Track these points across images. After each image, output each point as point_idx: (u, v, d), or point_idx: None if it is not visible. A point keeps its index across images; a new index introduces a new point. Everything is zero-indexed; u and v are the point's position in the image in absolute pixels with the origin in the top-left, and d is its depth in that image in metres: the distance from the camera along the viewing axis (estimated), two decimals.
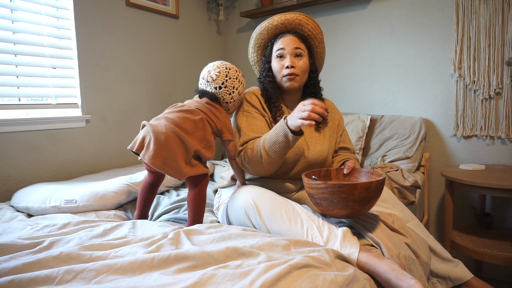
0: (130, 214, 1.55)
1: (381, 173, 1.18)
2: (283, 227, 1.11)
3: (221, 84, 1.34)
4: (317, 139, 1.45)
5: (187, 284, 0.77)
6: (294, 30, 1.43)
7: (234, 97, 1.37)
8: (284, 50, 1.40)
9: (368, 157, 2.17)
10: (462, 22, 2.02)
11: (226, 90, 1.35)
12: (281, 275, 0.78)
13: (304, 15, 1.42)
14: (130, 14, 2.27)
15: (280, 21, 1.41)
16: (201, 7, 2.85)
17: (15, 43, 1.77)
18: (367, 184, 1.04)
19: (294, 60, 1.39)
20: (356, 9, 2.42)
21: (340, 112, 1.62)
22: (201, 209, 1.30)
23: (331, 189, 1.05)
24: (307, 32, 1.43)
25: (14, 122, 1.71)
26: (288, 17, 1.40)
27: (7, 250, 0.97)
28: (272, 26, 1.43)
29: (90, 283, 0.81)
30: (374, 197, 1.09)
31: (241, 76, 1.40)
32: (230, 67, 1.38)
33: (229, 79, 1.35)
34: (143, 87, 2.37)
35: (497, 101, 1.98)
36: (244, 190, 1.25)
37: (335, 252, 0.95)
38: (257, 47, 1.52)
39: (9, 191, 1.71)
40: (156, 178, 1.37)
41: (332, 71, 2.55)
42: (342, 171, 1.32)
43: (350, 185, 1.04)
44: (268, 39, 1.48)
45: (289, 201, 1.19)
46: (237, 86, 1.37)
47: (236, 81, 1.37)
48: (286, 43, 1.40)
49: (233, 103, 1.38)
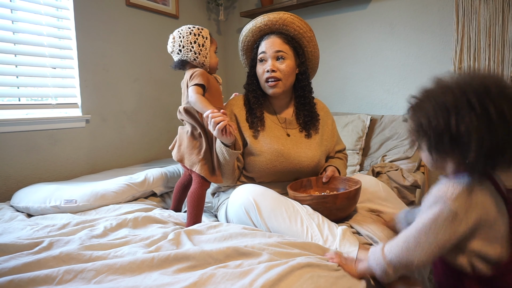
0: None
1: (357, 180, 1.28)
2: (283, 225, 1.11)
3: (179, 49, 1.34)
4: (306, 144, 1.43)
5: (186, 284, 0.77)
6: (279, 31, 1.39)
7: (198, 50, 1.33)
8: (265, 53, 1.37)
9: (368, 157, 2.17)
10: (462, 22, 2.02)
11: (186, 50, 1.33)
12: (282, 276, 0.78)
13: (289, 14, 1.37)
14: (130, 14, 2.27)
15: (263, 22, 1.37)
16: (201, 7, 2.85)
17: (15, 43, 1.77)
18: (346, 193, 1.17)
19: (276, 63, 1.36)
20: (356, 9, 2.42)
21: (331, 115, 1.60)
22: (199, 207, 1.32)
23: (317, 201, 1.18)
24: (293, 31, 1.39)
25: (14, 122, 1.71)
26: (271, 17, 1.36)
27: (7, 250, 0.97)
28: (255, 27, 1.39)
29: (90, 283, 0.81)
30: (353, 204, 1.22)
31: (196, 30, 1.34)
32: (181, 29, 1.36)
33: (183, 38, 1.34)
34: (143, 87, 2.37)
35: None
36: (245, 188, 1.25)
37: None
38: (245, 50, 1.49)
39: (9, 191, 1.71)
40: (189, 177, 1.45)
41: (332, 71, 2.55)
42: (321, 179, 1.40)
43: (332, 196, 1.17)
44: (254, 41, 1.44)
45: (290, 200, 1.19)
46: (194, 39, 1.33)
47: (192, 36, 1.33)
48: (268, 46, 1.37)
49: (201, 57, 1.34)
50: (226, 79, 3.08)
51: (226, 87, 3.08)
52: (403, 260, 0.78)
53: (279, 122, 1.45)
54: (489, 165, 0.73)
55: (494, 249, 0.75)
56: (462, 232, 0.74)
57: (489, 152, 0.70)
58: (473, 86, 0.72)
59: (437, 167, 0.82)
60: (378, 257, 0.82)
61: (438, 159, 0.80)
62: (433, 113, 0.75)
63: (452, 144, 0.73)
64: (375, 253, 0.83)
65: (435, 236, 0.74)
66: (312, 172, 1.44)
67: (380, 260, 0.81)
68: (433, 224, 0.75)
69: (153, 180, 1.68)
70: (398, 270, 0.79)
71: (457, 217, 0.73)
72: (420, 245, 0.75)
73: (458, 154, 0.74)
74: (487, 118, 0.69)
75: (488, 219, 0.75)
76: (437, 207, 0.75)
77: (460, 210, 0.73)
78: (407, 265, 0.78)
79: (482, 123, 0.69)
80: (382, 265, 0.80)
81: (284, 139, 1.42)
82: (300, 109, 1.47)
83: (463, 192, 0.74)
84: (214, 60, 1.38)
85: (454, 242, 0.75)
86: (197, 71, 1.32)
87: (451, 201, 0.73)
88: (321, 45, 2.62)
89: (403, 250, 0.78)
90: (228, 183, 1.40)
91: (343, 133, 2.21)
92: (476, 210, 0.74)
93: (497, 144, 0.70)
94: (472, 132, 0.70)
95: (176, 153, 1.38)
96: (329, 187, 1.39)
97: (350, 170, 2.06)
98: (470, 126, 0.70)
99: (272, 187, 1.35)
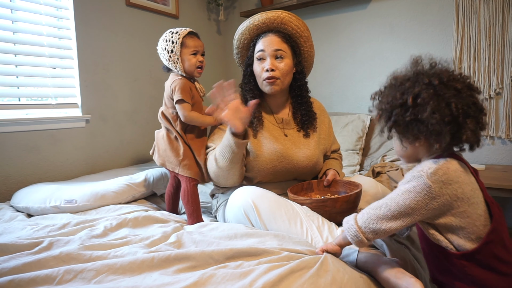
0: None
1: (358, 184, 1.27)
2: (282, 227, 1.11)
3: (160, 57, 1.37)
4: (305, 144, 1.42)
5: (186, 283, 0.77)
6: (276, 29, 1.38)
7: (167, 57, 1.33)
8: (264, 52, 1.35)
9: (368, 157, 2.17)
10: (462, 22, 2.02)
11: (161, 56, 1.36)
12: (282, 277, 0.78)
13: (287, 13, 1.37)
14: (130, 14, 2.27)
15: (261, 20, 1.36)
16: (201, 7, 2.85)
17: (15, 43, 1.77)
18: (346, 197, 1.16)
19: (275, 62, 1.35)
20: (356, 9, 2.42)
21: (327, 114, 1.59)
22: (195, 203, 1.33)
23: (316, 204, 1.17)
24: (291, 30, 1.38)
25: (14, 122, 1.71)
26: (269, 15, 1.35)
27: (7, 250, 0.97)
28: (253, 25, 1.37)
29: (90, 283, 0.81)
30: (353, 208, 1.20)
31: (169, 35, 1.33)
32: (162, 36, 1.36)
33: (159, 45, 1.35)
34: (143, 87, 2.37)
35: (497, 101, 1.98)
36: (243, 190, 1.24)
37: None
38: (240, 48, 1.47)
39: (9, 191, 1.71)
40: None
41: (332, 71, 2.55)
42: (322, 182, 1.39)
43: (332, 200, 1.16)
44: (251, 39, 1.43)
45: (289, 201, 1.18)
46: (165, 46, 1.33)
47: (164, 43, 1.34)
48: (266, 44, 1.35)
49: (173, 63, 1.33)
50: (226, 79, 3.08)
51: None
52: (372, 225, 0.83)
53: (276, 123, 1.44)
54: (455, 140, 0.79)
55: (471, 224, 0.79)
56: (436, 206, 0.78)
57: (448, 123, 0.77)
58: (426, 71, 0.84)
59: (409, 157, 0.89)
60: (351, 225, 0.86)
61: (408, 146, 0.86)
62: (393, 94, 0.84)
63: (415, 121, 0.80)
64: (349, 221, 0.88)
65: (406, 206, 0.79)
66: (311, 171, 1.44)
67: (353, 227, 0.85)
68: (407, 195, 0.79)
69: (153, 180, 1.68)
70: (369, 236, 0.84)
71: (431, 190, 0.77)
72: (391, 213, 0.81)
73: (424, 131, 0.80)
74: (440, 92, 0.78)
75: (463, 196, 0.79)
76: (413, 181, 0.80)
77: (435, 185, 0.77)
78: (376, 231, 0.83)
79: (436, 96, 0.78)
80: (355, 231, 0.85)
81: (283, 139, 1.41)
82: (297, 108, 1.46)
83: (440, 169, 0.78)
84: (189, 63, 1.34)
85: (425, 215, 0.80)
86: (177, 84, 1.31)
87: (427, 176, 0.78)
88: (321, 45, 2.63)
89: (372, 216, 0.83)
90: (234, 182, 1.35)
91: (343, 133, 2.21)
92: (452, 186, 0.78)
93: (453, 115, 0.77)
94: (429, 103, 0.77)
95: (157, 158, 1.39)
96: (330, 190, 1.39)
97: (350, 170, 2.06)
98: (426, 98, 0.78)
99: (271, 187, 1.34)
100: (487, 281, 0.79)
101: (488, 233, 0.79)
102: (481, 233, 0.79)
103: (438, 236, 0.82)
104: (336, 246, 0.93)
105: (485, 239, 0.79)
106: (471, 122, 0.78)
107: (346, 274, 0.86)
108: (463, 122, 0.77)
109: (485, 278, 0.79)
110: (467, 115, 0.78)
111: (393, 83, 0.86)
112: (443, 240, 0.82)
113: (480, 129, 0.80)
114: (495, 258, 0.79)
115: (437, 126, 0.77)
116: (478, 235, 0.79)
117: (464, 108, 0.78)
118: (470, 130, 0.78)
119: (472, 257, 0.79)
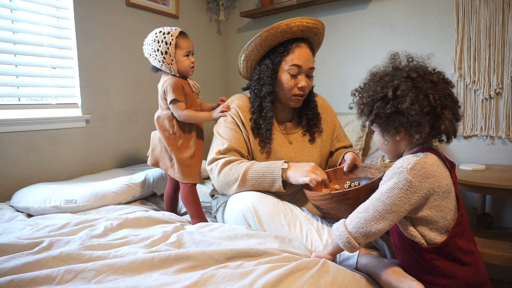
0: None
1: (378, 167, 1.16)
2: (282, 231, 1.11)
3: (148, 57, 1.37)
4: (308, 151, 1.41)
5: (187, 283, 0.77)
6: (307, 38, 1.34)
7: (161, 58, 1.33)
8: (301, 68, 1.29)
9: (368, 157, 2.17)
10: (462, 22, 2.02)
11: (152, 58, 1.36)
12: (282, 277, 0.78)
13: (322, 23, 1.33)
14: (130, 14, 2.27)
15: (300, 27, 1.27)
16: (201, 7, 2.85)
17: (15, 43, 1.77)
18: (369, 185, 1.01)
19: (307, 80, 1.32)
20: (356, 9, 2.42)
21: (333, 110, 1.54)
22: (196, 202, 1.34)
23: (337, 198, 1.03)
24: (317, 41, 1.38)
25: (14, 122, 1.71)
26: (309, 23, 1.28)
27: (7, 250, 0.97)
28: (290, 30, 1.27)
29: (90, 283, 0.81)
30: None
31: (160, 35, 1.32)
32: (149, 36, 1.35)
33: (148, 45, 1.35)
34: (143, 87, 2.37)
35: (497, 101, 1.98)
36: (242, 195, 1.23)
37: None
38: (265, 47, 1.33)
39: (9, 191, 1.70)
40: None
41: (332, 71, 2.55)
42: (339, 170, 1.29)
43: (355, 190, 1.01)
44: (279, 42, 1.32)
45: (288, 205, 1.18)
46: (157, 47, 1.32)
47: (155, 44, 1.33)
48: (304, 61, 1.29)
49: (166, 64, 1.33)
50: (226, 80, 3.08)
51: (226, 87, 3.08)
52: (362, 229, 0.84)
53: (280, 129, 1.42)
54: (434, 131, 0.83)
55: (443, 218, 0.83)
56: (417, 200, 0.81)
57: (427, 113, 0.81)
58: (403, 66, 0.88)
59: (391, 151, 0.92)
60: (341, 231, 0.87)
61: (390, 139, 0.89)
62: (374, 89, 0.87)
63: (396, 113, 0.84)
64: (338, 227, 0.89)
65: (391, 203, 0.81)
66: None
67: (344, 233, 0.86)
68: (390, 193, 0.82)
69: (153, 181, 1.68)
70: (360, 240, 0.85)
71: (412, 185, 0.80)
72: (378, 213, 0.82)
73: (404, 123, 0.83)
74: (418, 84, 0.83)
75: (439, 190, 0.82)
76: (394, 178, 0.83)
77: (416, 179, 0.80)
78: (367, 234, 0.84)
79: (414, 88, 0.82)
80: (346, 238, 0.85)
81: (287, 147, 1.39)
82: (302, 111, 1.44)
83: (418, 164, 0.82)
84: (183, 65, 1.35)
85: (409, 210, 0.82)
86: (168, 84, 1.32)
87: (407, 171, 0.81)
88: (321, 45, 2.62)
89: (361, 220, 0.84)
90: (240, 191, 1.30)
91: None
92: (430, 180, 0.81)
93: (431, 106, 0.81)
94: (408, 94, 0.81)
95: (150, 158, 1.40)
96: (349, 178, 1.26)
97: None
98: (405, 90, 0.82)
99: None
100: (453, 272, 0.83)
101: (454, 226, 0.83)
102: (450, 227, 0.83)
103: (412, 231, 0.85)
104: (328, 256, 0.93)
105: (452, 233, 0.82)
106: (448, 113, 0.82)
107: (347, 275, 0.86)
108: (441, 112, 0.82)
109: (451, 269, 0.83)
110: (444, 106, 0.82)
111: (373, 79, 0.90)
112: (417, 235, 0.85)
113: (456, 120, 0.85)
114: (459, 249, 0.83)
115: (416, 116, 0.81)
116: (447, 228, 0.83)
117: (441, 99, 0.82)
118: (448, 120, 0.82)
119: (440, 250, 0.82)
